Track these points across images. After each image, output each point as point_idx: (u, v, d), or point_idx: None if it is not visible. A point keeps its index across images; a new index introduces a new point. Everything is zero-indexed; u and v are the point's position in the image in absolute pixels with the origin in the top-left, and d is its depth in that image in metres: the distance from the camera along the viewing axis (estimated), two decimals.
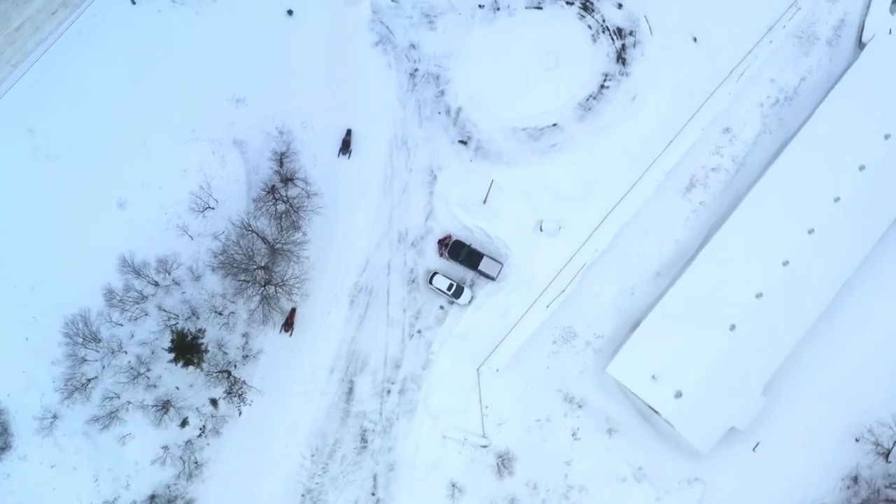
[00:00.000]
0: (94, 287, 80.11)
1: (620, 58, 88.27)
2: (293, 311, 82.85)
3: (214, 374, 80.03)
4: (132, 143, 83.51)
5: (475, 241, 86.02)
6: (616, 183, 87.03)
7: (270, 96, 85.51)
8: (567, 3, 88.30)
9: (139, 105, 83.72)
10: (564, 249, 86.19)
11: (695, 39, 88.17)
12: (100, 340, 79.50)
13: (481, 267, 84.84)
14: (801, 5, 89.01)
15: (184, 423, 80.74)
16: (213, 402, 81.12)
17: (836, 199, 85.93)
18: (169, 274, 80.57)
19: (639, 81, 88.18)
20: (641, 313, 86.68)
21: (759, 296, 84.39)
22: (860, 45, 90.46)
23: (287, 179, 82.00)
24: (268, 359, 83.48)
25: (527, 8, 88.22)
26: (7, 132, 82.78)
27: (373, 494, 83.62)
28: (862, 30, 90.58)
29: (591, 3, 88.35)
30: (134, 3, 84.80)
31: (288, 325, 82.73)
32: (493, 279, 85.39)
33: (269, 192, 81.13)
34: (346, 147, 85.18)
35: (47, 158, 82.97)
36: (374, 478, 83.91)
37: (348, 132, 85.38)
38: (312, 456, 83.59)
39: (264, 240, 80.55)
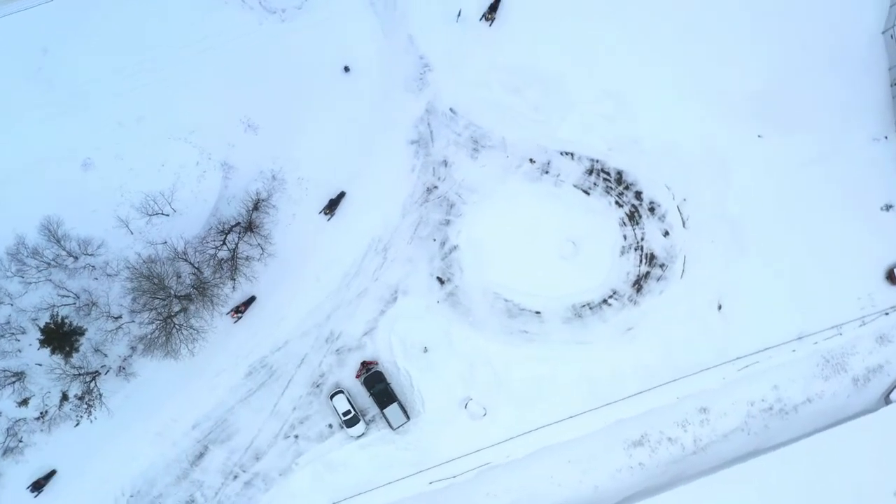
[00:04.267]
0: (12, 228, 75.40)
1: (638, 284, 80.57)
2: None
3: (80, 373, 74.75)
4: (128, 114, 79.04)
5: (396, 382, 79.34)
6: (564, 402, 79.49)
7: (282, 137, 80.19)
8: (617, 203, 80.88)
9: (155, 79, 79.33)
10: (478, 438, 78.94)
11: (720, 307, 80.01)
12: None
13: (387, 411, 78.21)
14: (843, 331, 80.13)
15: (24, 402, 75.71)
16: (64, 397, 75.88)
17: None
18: (90, 256, 75.65)
19: (643, 316, 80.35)
20: None
21: None
22: (887, 399, 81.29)
23: (250, 228, 76.37)
24: (139, 385, 77.99)
25: (574, 186, 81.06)
26: (23, 42, 79.43)
27: None
28: None
29: (639, 216, 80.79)
30: None
31: None
32: (392, 429, 78.57)
33: (223, 232, 75.58)
34: (331, 207, 79.24)
35: (44, 83, 79.15)
36: None
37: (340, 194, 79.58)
38: (131, 496, 77.90)
39: (197, 273, 75.14)
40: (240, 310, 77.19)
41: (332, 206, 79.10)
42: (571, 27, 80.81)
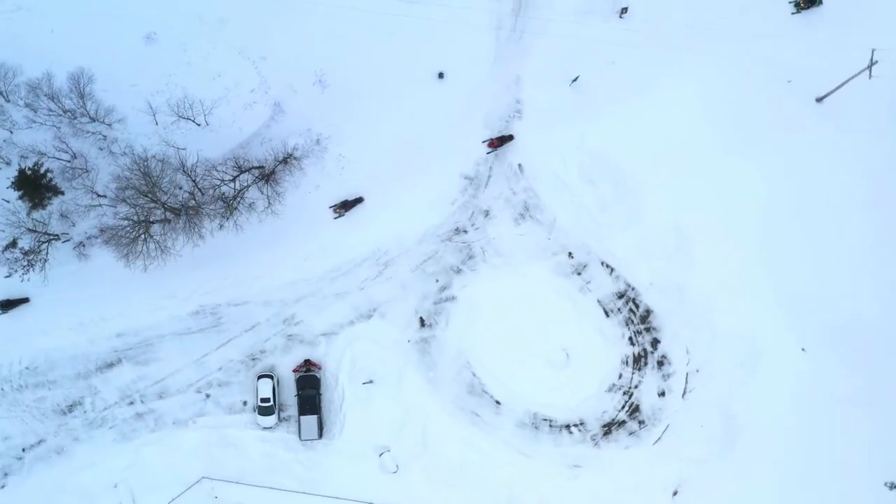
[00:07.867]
0: (48, 64, 71.49)
1: (609, 427, 74.27)
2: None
3: (36, 231, 70.76)
4: (214, 11, 75.20)
5: (328, 396, 74.22)
6: (478, 502, 73.19)
7: (346, 108, 75.82)
8: (630, 340, 74.63)
9: None
10: (376, 491, 73.34)
11: (675, 493, 73.33)
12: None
13: (303, 419, 73.20)
14: None
15: None
16: (13, 243, 71.84)
17: None
18: (106, 125, 71.85)
19: (597, 461, 73.98)
20: None
21: None
22: None
23: (269, 178, 71.72)
24: (88, 268, 73.91)
25: (598, 301, 74.90)
26: None
27: (23, 450, 73.33)
28: None
29: (645, 364, 74.36)
30: None
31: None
32: (300, 439, 73.39)
33: (240, 168, 71.02)
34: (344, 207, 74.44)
35: None
36: (41, 442, 73.43)
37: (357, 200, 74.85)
38: (26, 368, 73.83)
39: (196, 191, 70.62)
40: None
41: (345, 206, 74.26)
42: (676, 148, 74.42)
